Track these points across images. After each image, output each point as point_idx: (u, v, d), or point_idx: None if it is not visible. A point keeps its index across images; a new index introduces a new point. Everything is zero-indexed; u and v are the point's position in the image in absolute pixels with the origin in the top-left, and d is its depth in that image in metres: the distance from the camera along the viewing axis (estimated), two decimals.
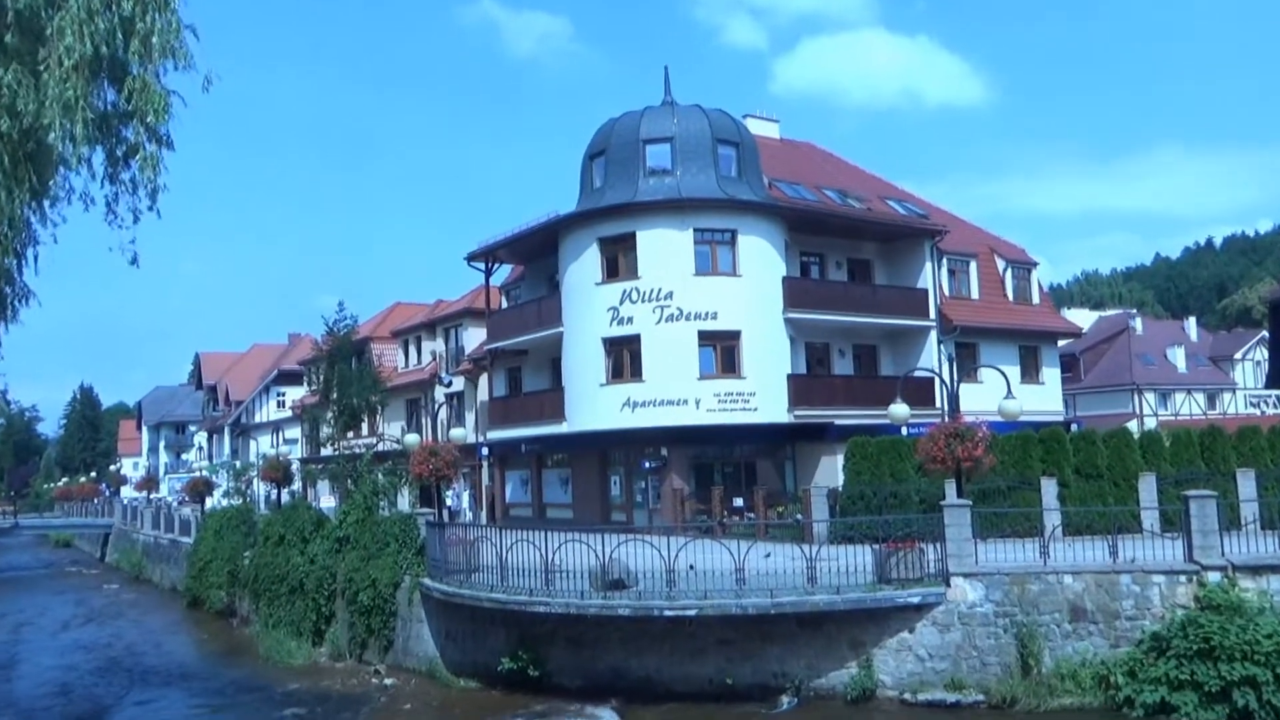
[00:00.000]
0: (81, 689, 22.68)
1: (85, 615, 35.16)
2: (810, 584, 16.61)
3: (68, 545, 70.08)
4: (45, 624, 33.29)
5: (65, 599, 40.30)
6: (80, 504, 72.92)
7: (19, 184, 7.67)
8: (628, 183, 30.83)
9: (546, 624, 18.32)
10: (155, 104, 7.97)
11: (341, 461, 34.31)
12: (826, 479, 28.39)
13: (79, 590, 43.50)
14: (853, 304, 32.96)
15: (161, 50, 7.96)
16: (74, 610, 36.57)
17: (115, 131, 8.33)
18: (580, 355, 31.32)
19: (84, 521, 65.33)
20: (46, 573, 54.05)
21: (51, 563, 60.06)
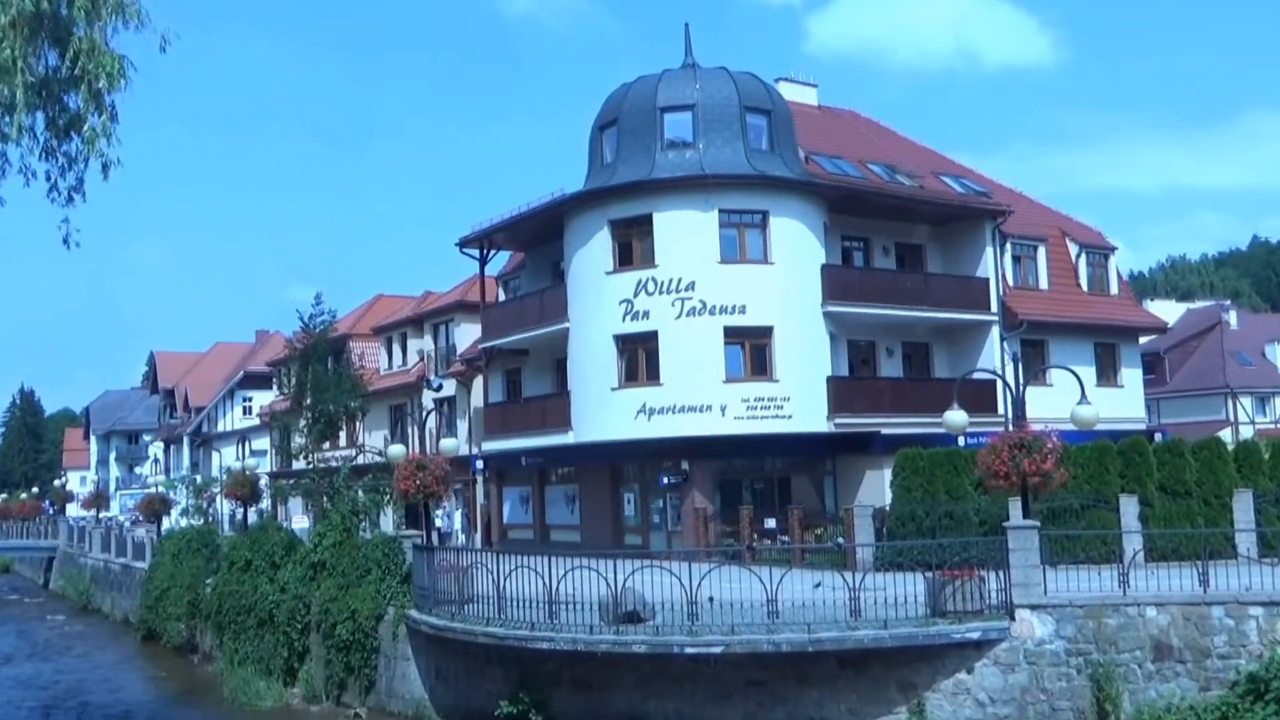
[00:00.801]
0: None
1: (27, 649, 35.41)
2: (853, 617, 16.51)
3: (6, 570, 70.63)
4: None
5: (4, 630, 40.60)
6: (20, 524, 73.38)
7: None
8: (643, 157, 30.84)
9: (551, 662, 18.31)
10: (107, 67, 7.99)
11: (316, 476, 34.48)
12: (871, 497, 28.31)
13: (20, 621, 43.81)
14: (902, 295, 32.89)
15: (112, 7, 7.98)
16: (14, 643, 36.83)
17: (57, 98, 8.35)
18: (589, 355, 31.34)
19: (24, 544, 65.81)
20: None
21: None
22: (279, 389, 49.42)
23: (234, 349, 77.79)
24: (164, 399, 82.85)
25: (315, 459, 37.44)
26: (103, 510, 65.51)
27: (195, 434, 71.39)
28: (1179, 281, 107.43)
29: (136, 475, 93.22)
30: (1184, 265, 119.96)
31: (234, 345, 78.99)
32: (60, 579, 54.73)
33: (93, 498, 64.12)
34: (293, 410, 40.64)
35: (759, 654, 16.56)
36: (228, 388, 67.81)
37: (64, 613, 45.75)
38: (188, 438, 72.84)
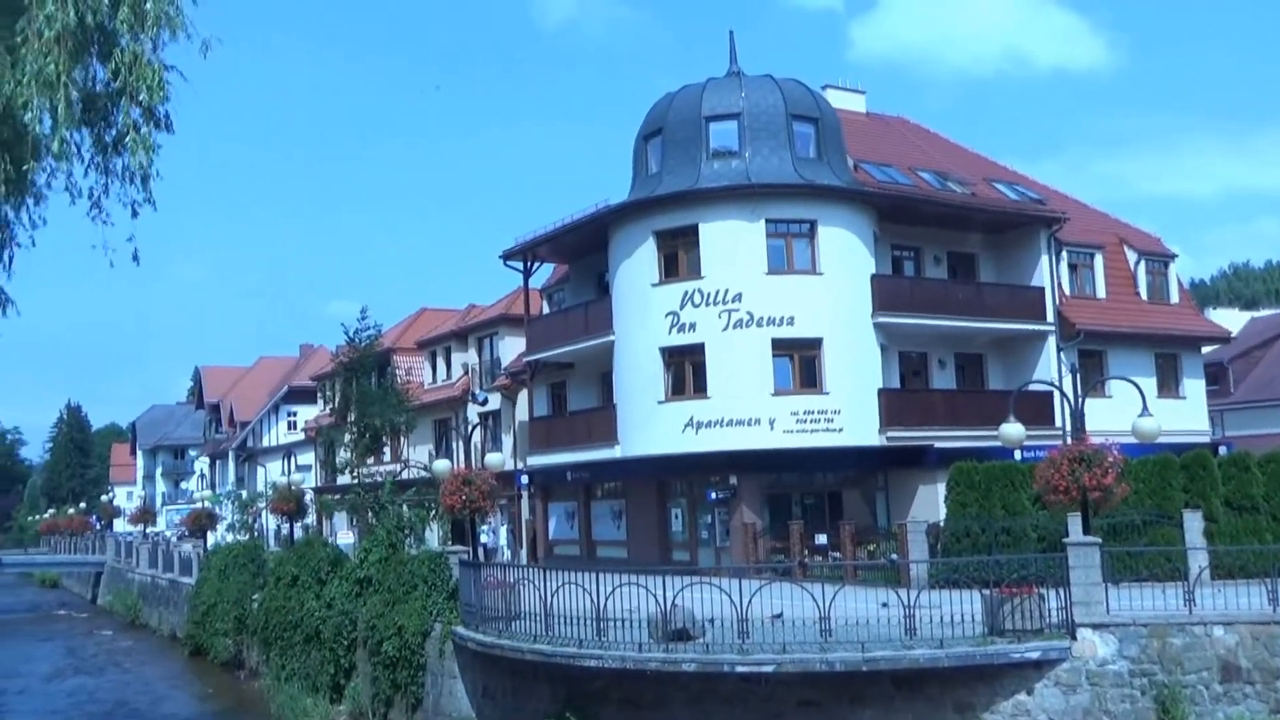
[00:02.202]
0: None
1: (75, 665, 36.01)
2: (908, 636, 16.32)
3: (55, 585, 71.92)
4: (31, 674, 34.14)
5: (53, 646, 41.30)
6: (69, 539, 74.80)
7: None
8: (688, 167, 30.85)
9: (598, 680, 18.25)
10: (149, 80, 8.07)
11: (361, 491, 34.70)
12: (925, 512, 28.04)
13: (68, 636, 44.56)
14: (954, 306, 32.61)
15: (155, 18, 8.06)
16: (63, 660, 37.47)
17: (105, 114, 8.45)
18: (634, 368, 31.34)
19: (73, 559, 67.01)
20: (31, 617, 55.50)
21: (37, 605, 61.61)
22: (323, 404, 49.94)
23: (279, 364, 78.72)
24: (209, 414, 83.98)
25: (360, 474, 37.71)
26: (150, 525, 66.54)
27: (241, 449, 72.25)
28: (1242, 289, 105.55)
29: (183, 490, 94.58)
30: (1247, 272, 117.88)
31: (279, 360, 79.93)
32: (108, 594, 55.61)
33: (140, 513, 65.16)
34: (337, 425, 40.99)
35: (811, 673, 16.40)
36: (272, 403, 68.59)
37: (112, 628, 46.47)
38: (233, 453, 73.72)
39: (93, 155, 8.70)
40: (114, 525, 74.99)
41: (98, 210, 8.80)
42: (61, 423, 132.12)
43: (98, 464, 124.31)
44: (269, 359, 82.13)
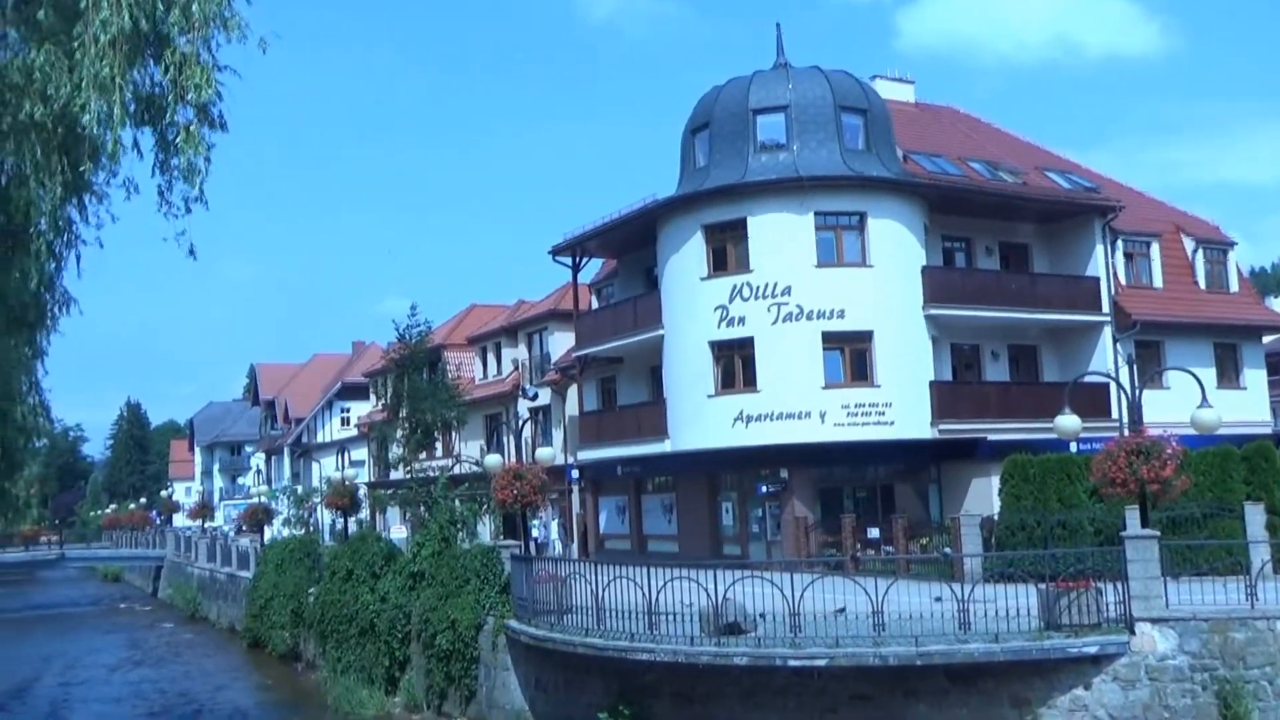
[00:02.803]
0: None
1: (138, 657, 36.69)
2: (962, 630, 16.16)
3: (117, 579, 73.33)
4: (95, 666, 34.86)
5: (116, 639, 42.12)
6: (130, 533, 76.22)
7: (51, 176, 7.95)
8: (736, 160, 30.73)
9: (651, 674, 18.27)
10: (197, 79, 8.18)
11: (414, 486, 34.99)
12: (978, 505, 27.77)
13: (130, 629, 45.42)
14: (1007, 297, 32.22)
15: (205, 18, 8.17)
16: (125, 652, 38.20)
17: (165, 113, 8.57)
18: (684, 362, 31.30)
19: (134, 553, 68.24)
20: (95, 610, 56.63)
21: (100, 598, 62.87)
22: (376, 400, 50.39)
23: (332, 360, 79.51)
24: (265, 410, 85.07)
25: (413, 469, 38.03)
26: (208, 520, 67.61)
27: (295, 445, 73.14)
28: None
29: (240, 485, 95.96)
30: None
31: (332, 357, 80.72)
32: (168, 588, 56.58)
33: (198, 508, 66.21)
34: (390, 420, 41.36)
35: (864, 667, 16.31)
36: (326, 399, 69.32)
37: (172, 621, 47.29)
38: (288, 448, 74.65)
39: (156, 154, 8.82)
40: (173, 520, 76.33)
41: (167, 205, 8.91)
42: (122, 420, 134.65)
43: (157, 460, 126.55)
44: (323, 356, 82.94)
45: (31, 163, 7.86)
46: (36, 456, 15.07)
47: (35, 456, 14.22)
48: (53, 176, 8.01)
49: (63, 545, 72.18)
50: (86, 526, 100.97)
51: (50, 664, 35.35)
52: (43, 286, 8.95)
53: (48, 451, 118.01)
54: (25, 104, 7.75)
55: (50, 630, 46.15)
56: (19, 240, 8.53)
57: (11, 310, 8.99)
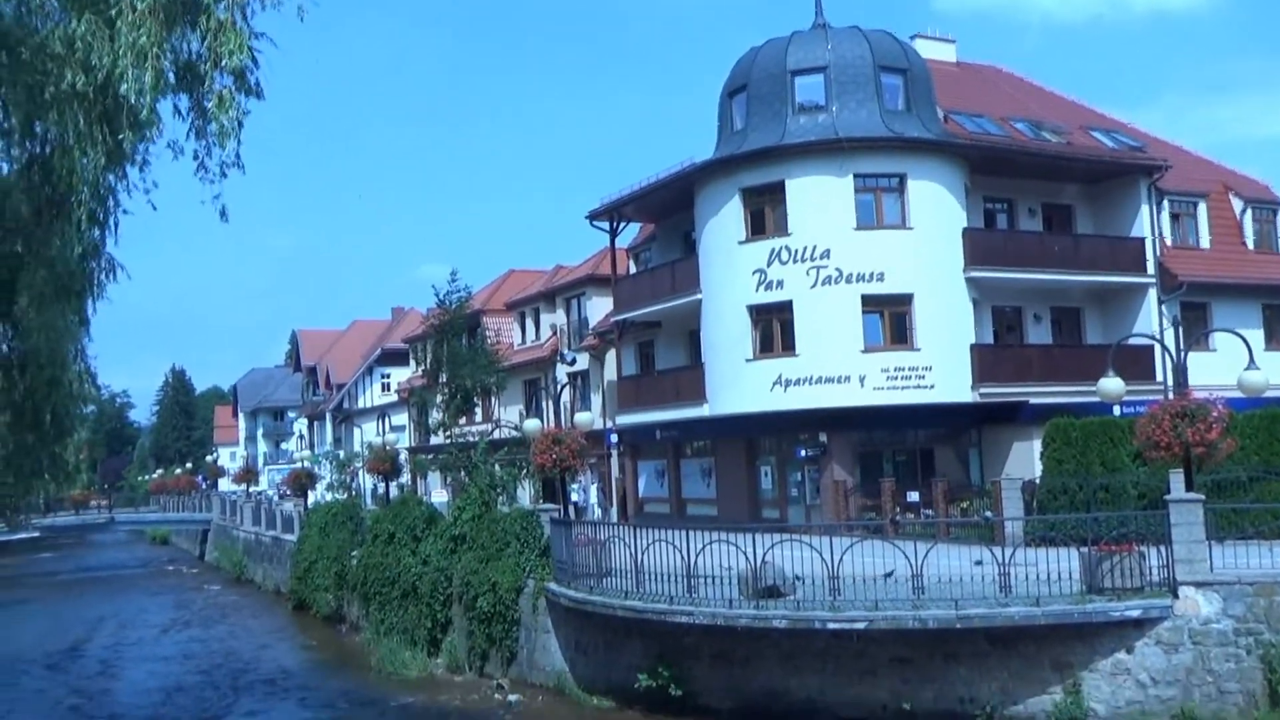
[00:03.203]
0: (186, 697, 24.23)
1: (186, 618, 37.43)
2: (1003, 593, 16.17)
3: (165, 542, 74.70)
4: (145, 627, 35.60)
5: (164, 600, 42.98)
6: (177, 498, 77.49)
7: (93, 145, 8.04)
8: (774, 122, 30.46)
9: (690, 636, 18.42)
10: (232, 45, 8.21)
11: (454, 451, 35.25)
12: (1020, 469, 27.63)
13: (178, 591, 46.32)
14: (1050, 259, 31.82)
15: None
16: (174, 613, 38.97)
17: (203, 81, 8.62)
18: (722, 326, 31.24)
19: (181, 517, 69.39)
20: (144, 572, 57.79)
21: (149, 561, 64.13)
22: (416, 365, 50.72)
23: (372, 326, 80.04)
24: (306, 376, 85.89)
25: (453, 434, 38.29)
26: (252, 485, 68.61)
27: (337, 410, 73.86)
28: None
29: (283, 451, 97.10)
30: None
31: (372, 323, 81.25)
32: (215, 550, 57.53)
33: (243, 473, 67.19)
34: (430, 386, 41.61)
35: (904, 630, 16.36)
36: (366, 365, 69.88)
37: (219, 583, 48.14)
38: (330, 414, 75.40)
39: (193, 119, 8.88)
40: (219, 485, 77.47)
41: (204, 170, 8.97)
42: (167, 386, 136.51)
43: (202, 426, 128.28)
44: (362, 322, 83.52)
45: (74, 132, 7.95)
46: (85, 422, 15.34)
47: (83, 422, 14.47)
48: (95, 145, 8.09)
49: (112, 509, 73.55)
50: (135, 491, 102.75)
51: (102, 624, 36.14)
52: (88, 254, 9.07)
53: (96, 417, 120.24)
54: (67, 74, 7.83)
55: (101, 592, 47.16)
56: (63, 209, 8.64)
57: (59, 278, 9.12)
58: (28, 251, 8.78)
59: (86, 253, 8.97)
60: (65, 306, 9.50)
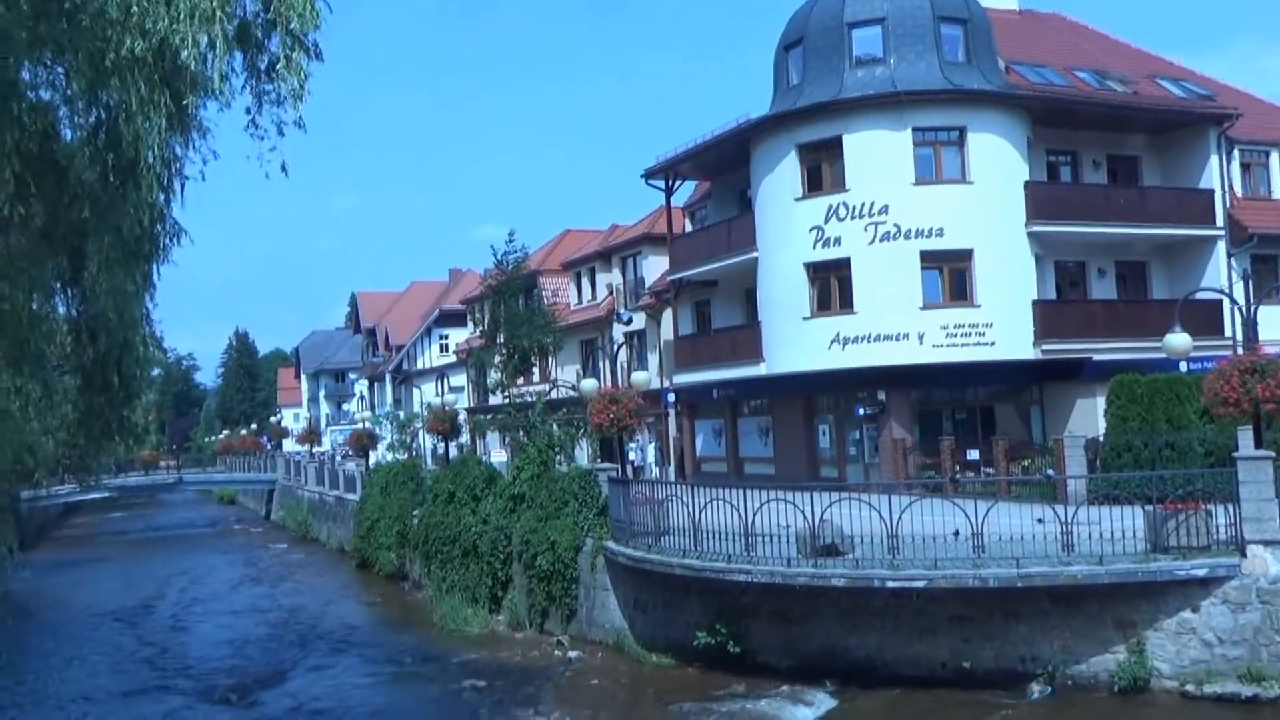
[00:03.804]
0: (256, 652, 24.86)
1: (254, 575, 38.30)
2: (1065, 552, 16.03)
3: (232, 502, 76.32)
4: (215, 584, 36.50)
5: (232, 558, 43.99)
6: (242, 458, 78.98)
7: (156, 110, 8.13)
8: (831, 77, 30.05)
9: (748, 594, 18.49)
10: (299, 8, 8.26)
11: (512, 411, 35.53)
12: (1083, 426, 27.28)
13: (246, 549, 47.36)
14: (1115, 211, 31.19)
15: None
16: (242, 570, 39.89)
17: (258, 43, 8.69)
18: (779, 284, 31.05)
19: (247, 477, 70.77)
20: (213, 531, 59.15)
21: (217, 520, 65.59)
22: (473, 326, 51.07)
23: (430, 288, 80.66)
24: (366, 338, 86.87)
25: (510, 394, 38.58)
26: (315, 445, 69.61)
27: (396, 371, 74.68)
28: None
29: (344, 411, 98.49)
30: None
31: (429, 284, 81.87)
32: (280, 510, 58.67)
33: (306, 433, 68.16)
34: (487, 346, 41.92)
35: (964, 589, 16.28)
36: (425, 326, 70.50)
37: (285, 541, 49.12)
38: (389, 375, 76.26)
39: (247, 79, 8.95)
40: (283, 445, 78.76)
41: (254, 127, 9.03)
42: (231, 349, 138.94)
43: (265, 387, 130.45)
44: (420, 283, 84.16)
45: (136, 98, 8.05)
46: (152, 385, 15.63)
47: (151, 385, 14.76)
48: (157, 110, 8.19)
49: (180, 469, 75.05)
50: (202, 452, 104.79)
51: (173, 581, 37.08)
52: (154, 219, 9.21)
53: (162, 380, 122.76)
54: (126, 39, 7.91)
55: (171, 550, 48.36)
56: (130, 174, 8.78)
57: (125, 243, 9.27)
58: (94, 217, 8.94)
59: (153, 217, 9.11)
60: (133, 270, 9.66)
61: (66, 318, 10.62)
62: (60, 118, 9.32)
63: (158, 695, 21.36)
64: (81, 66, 8.15)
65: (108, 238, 9.08)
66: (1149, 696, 15.62)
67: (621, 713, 17.79)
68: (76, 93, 8.80)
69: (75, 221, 9.12)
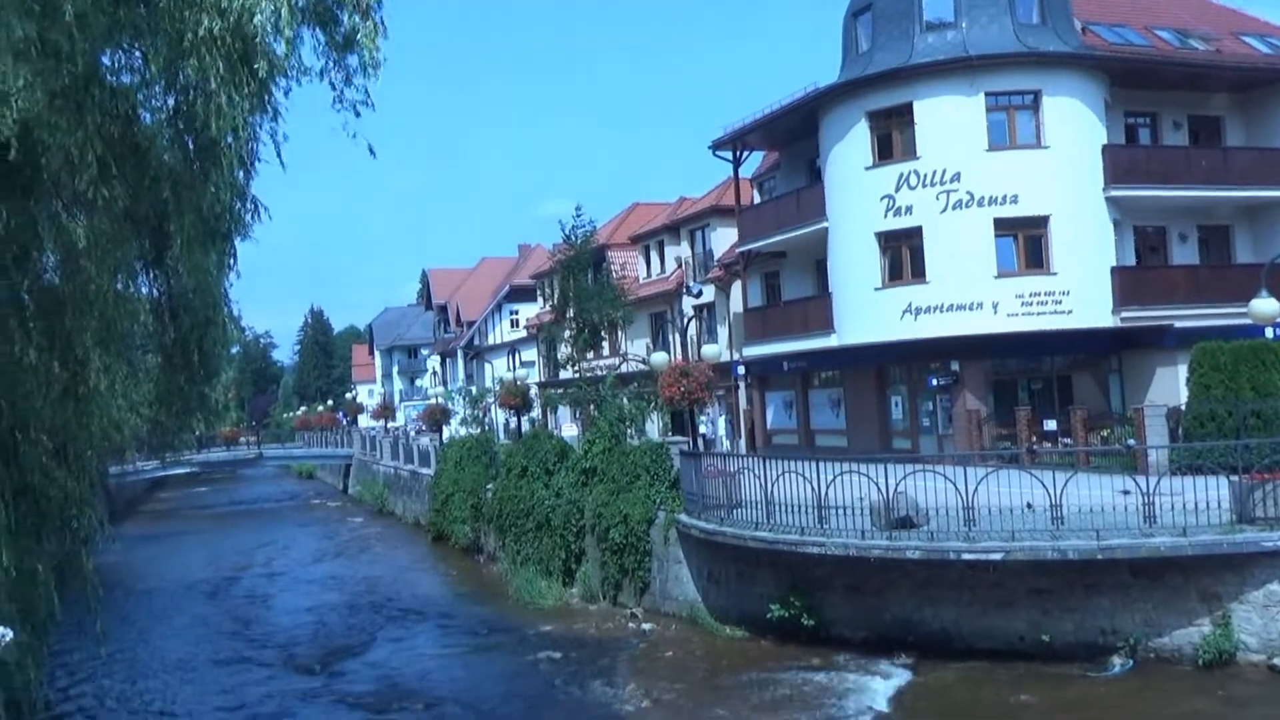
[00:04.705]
0: (337, 623, 25.39)
1: (333, 549, 39.08)
2: (1147, 523, 15.72)
3: (310, 476, 77.79)
4: (296, 556, 37.33)
5: (312, 531, 44.93)
6: (320, 434, 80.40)
7: (235, 88, 8.23)
8: (901, 42, 29.54)
9: (821, 567, 18.41)
10: None
11: (583, 385, 35.68)
12: (1164, 395, 26.67)
13: (324, 523, 48.32)
14: (1197, 174, 30.31)
15: None
16: (322, 543, 40.73)
17: (331, 17, 8.73)
18: (849, 254, 30.72)
19: (325, 452, 72.02)
20: (292, 504, 60.45)
21: (296, 494, 66.98)
22: (543, 301, 51.34)
23: (499, 264, 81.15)
24: (438, 314, 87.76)
25: (581, 368, 38.75)
26: (390, 420, 70.69)
27: (468, 347, 75.37)
28: None
29: (417, 387, 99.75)
30: None
31: (499, 260, 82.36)
32: (357, 484, 59.70)
33: (381, 409, 69.31)
34: (557, 321, 42.12)
35: (1042, 561, 16.06)
36: (495, 302, 71.01)
37: (362, 515, 50.00)
38: (461, 350, 76.99)
39: (325, 51, 9.01)
40: (358, 421, 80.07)
41: (340, 102, 9.10)
42: (306, 326, 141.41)
43: (340, 364, 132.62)
44: (490, 260, 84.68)
45: (216, 77, 8.15)
46: (231, 363, 15.93)
47: (230, 363, 15.04)
48: (237, 89, 8.28)
49: (260, 445, 76.57)
50: (280, 428, 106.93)
51: (255, 554, 37.98)
52: (234, 195, 9.35)
53: (241, 357, 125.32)
54: (204, 19, 8.01)
55: (253, 523, 49.52)
56: (210, 153, 8.90)
57: (206, 222, 9.42)
58: (175, 198, 9.09)
59: (232, 194, 9.24)
60: (213, 249, 9.81)
61: (149, 297, 10.82)
62: (139, 100, 9.47)
63: (245, 665, 21.94)
64: (160, 49, 8.26)
65: (189, 217, 9.22)
66: (1234, 670, 15.29)
67: (696, 685, 17.84)
68: (154, 75, 8.92)
69: (157, 202, 9.27)
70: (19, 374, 8.96)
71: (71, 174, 8.39)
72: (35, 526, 9.50)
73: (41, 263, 9.79)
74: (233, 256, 10.45)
